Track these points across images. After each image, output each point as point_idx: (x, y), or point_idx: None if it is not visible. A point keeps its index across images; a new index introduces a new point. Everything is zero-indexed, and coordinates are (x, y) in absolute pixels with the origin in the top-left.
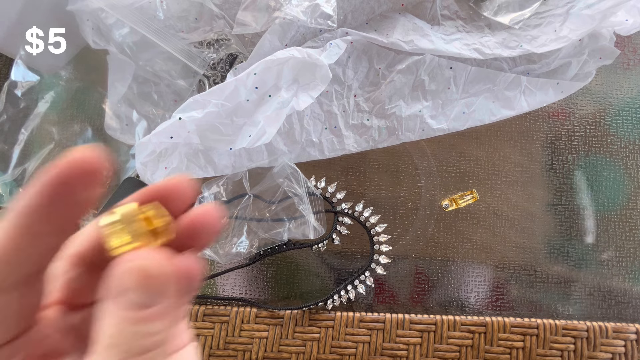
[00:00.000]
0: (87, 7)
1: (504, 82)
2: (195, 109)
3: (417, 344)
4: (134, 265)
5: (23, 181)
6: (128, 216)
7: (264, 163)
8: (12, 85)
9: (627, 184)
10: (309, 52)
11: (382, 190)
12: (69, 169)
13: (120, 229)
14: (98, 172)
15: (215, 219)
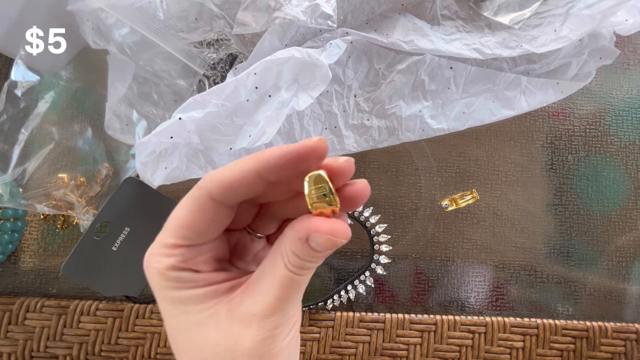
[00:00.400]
0: (87, 7)
1: (504, 82)
2: (195, 109)
3: (417, 344)
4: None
5: (23, 181)
6: (320, 183)
7: None
8: (12, 85)
9: (627, 184)
10: (309, 52)
11: (382, 190)
12: (307, 149)
13: (316, 190)
14: (323, 157)
15: (368, 193)
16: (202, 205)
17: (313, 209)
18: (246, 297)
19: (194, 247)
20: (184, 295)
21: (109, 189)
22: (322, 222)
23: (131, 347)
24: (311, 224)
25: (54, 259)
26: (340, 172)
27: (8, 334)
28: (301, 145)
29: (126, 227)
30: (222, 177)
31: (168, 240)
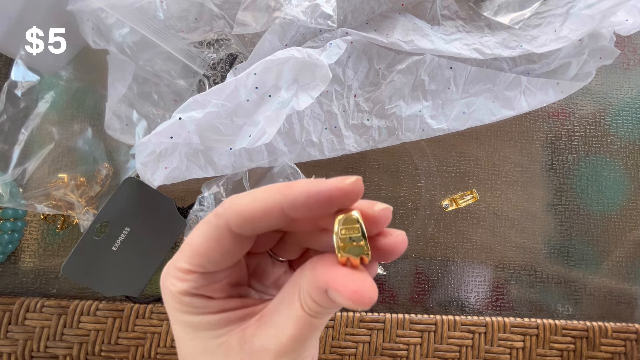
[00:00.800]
0: (87, 7)
1: (504, 82)
2: (195, 109)
3: (417, 344)
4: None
5: (23, 181)
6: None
7: (264, 163)
8: (12, 85)
9: (627, 184)
10: (309, 52)
11: (382, 190)
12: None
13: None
14: (357, 200)
15: (404, 247)
16: (219, 236)
17: (340, 253)
18: (260, 330)
19: (208, 275)
20: (195, 320)
21: (109, 189)
22: (346, 279)
23: (131, 347)
24: (333, 278)
25: (54, 259)
26: (375, 221)
27: (8, 334)
28: (333, 186)
29: (126, 227)
30: (242, 208)
31: (182, 265)
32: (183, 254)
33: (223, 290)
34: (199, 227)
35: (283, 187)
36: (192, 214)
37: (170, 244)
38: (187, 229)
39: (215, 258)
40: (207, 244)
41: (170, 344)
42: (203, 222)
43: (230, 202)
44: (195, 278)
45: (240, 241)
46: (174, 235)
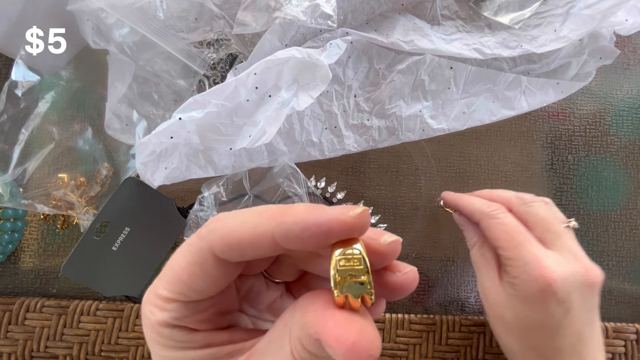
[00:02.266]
0: (87, 7)
1: (504, 82)
2: (195, 109)
3: (417, 344)
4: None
5: (23, 181)
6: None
7: (264, 163)
8: (12, 85)
9: (627, 184)
10: (309, 52)
11: (382, 190)
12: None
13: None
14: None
15: (415, 285)
16: (202, 261)
17: (336, 291)
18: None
19: (191, 304)
20: (176, 356)
21: (109, 189)
22: (341, 328)
23: (131, 347)
24: (325, 326)
25: (54, 259)
26: (381, 256)
27: (8, 334)
28: (334, 218)
29: (126, 227)
30: (227, 232)
31: (162, 292)
32: (163, 279)
33: (209, 320)
34: (181, 250)
35: (277, 213)
36: (192, 214)
37: (170, 244)
38: (187, 229)
39: (199, 285)
40: (190, 269)
41: None
42: (186, 244)
43: (215, 223)
44: (176, 307)
45: (227, 267)
46: (174, 235)
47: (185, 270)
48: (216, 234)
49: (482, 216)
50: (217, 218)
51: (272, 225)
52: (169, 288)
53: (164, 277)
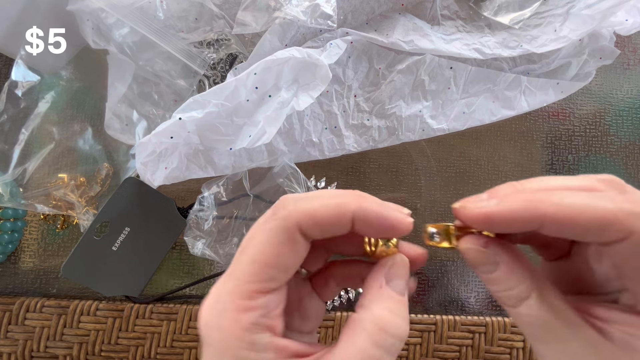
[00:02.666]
0: (87, 7)
1: (504, 82)
2: (195, 109)
3: (417, 344)
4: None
5: (23, 181)
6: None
7: (264, 163)
8: (12, 85)
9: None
10: (309, 52)
11: (382, 190)
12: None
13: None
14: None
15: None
16: (290, 238)
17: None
18: None
19: (274, 294)
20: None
21: (109, 189)
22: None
23: (131, 347)
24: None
25: (54, 259)
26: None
27: (8, 334)
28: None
29: (126, 227)
30: (314, 210)
31: (249, 287)
32: (245, 272)
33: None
34: (260, 238)
35: (358, 197)
36: (192, 214)
37: (170, 244)
38: (187, 229)
39: (288, 265)
40: (278, 251)
41: (170, 344)
42: (263, 230)
43: (296, 204)
44: (264, 302)
45: (305, 245)
46: (174, 235)
47: (274, 254)
48: (302, 212)
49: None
50: (293, 198)
51: (353, 207)
52: (256, 279)
53: (246, 270)
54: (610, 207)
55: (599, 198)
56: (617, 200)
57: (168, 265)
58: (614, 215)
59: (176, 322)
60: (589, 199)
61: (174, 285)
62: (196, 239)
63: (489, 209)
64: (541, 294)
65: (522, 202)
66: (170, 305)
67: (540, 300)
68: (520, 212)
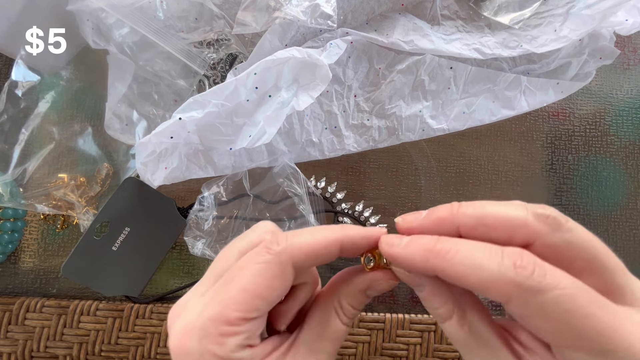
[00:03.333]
0: (87, 7)
1: (504, 82)
2: (195, 109)
3: (417, 344)
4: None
5: (23, 181)
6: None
7: (264, 163)
8: (12, 85)
9: (627, 184)
10: (309, 52)
11: (382, 190)
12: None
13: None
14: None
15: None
16: (282, 273)
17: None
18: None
19: (259, 319)
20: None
21: (109, 189)
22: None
23: (131, 347)
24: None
25: (54, 259)
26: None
27: (8, 334)
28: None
29: (126, 227)
30: (305, 243)
31: (235, 315)
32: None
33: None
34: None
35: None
36: (192, 214)
37: (170, 244)
38: (187, 229)
39: (275, 296)
40: (270, 284)
41: None
42: (255, 263)
43: (288, 240)
44: (248, 327)
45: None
46: (174, 235)
47: (265, 286)
48: (295, 246)
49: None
50: (284, 235)
51: (340, 236)
52: (244, 309)
53: (236, 299)
54: (494, 272)
55: (488, 260)
56: (504, 265)
57: (168, 265)
58: (495, 280)
59: None
60: (477, 260)
61: (174, 285)
62: (196, 239)
63: (396, 250)
64: (463, 315)
65: (421, 253)
66: (170, 305)
67: (460, 322)
68: (417, 261)
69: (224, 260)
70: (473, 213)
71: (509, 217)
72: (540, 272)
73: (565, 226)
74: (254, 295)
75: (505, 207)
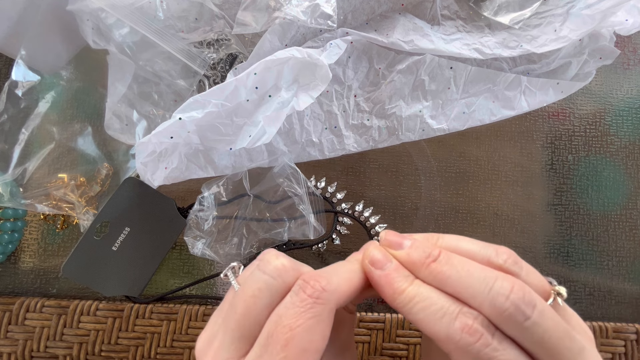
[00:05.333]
0: (87, 7)
1: (504, 82)
2: (195, 109)
3: (417, 344)
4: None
5: (23, 181)
6: None
7: (264, 163)
8: (12, 85)
9: (627, 184)
10: (309, 52)
11: (382, 190)
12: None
13: None
14: None
15: None
16: (330, 318)
17: None
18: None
19: None
20: None
21: (109, 189)
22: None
23: (131, 347)
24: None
25: (54, 259)
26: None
27: (8, 334)
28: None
29: (126, 227)
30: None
31: None
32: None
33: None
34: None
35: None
36: (192, 214)
37: (170, 244)
38: (187, 229)
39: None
40: (325, 334)
41: (170, 344)
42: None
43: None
44: None
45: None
46: (174, 235)
47: (322, 339)
48: (338, 291)
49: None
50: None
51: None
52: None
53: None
54: (442, 331)
55: (441, 317)
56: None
57: (168, 265)
58: (442, 337)
59: (176, 322)
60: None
61: (174, 285)
62: (196, 239)
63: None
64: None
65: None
66: (170, 305)
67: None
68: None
69: (253, 317)
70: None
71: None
72: (484, 342)
73: (521, 325)
74: (315, 352)
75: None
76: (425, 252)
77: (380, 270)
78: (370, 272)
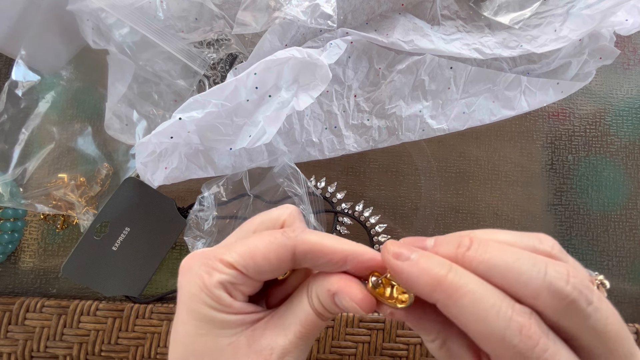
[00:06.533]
0: (87, 7)
1: (504, 82)
2: (195, 109)
3: (417, 344)
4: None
5: (23, 181)
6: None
7: (264, 163)
8: (12, 85)
9: (627, 184)
10: (309, 52)
11: (382, 190)
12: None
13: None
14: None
15: None
16: (280, 253)
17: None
18: (268, 330)
19: (245, 277)
20: (215, 316)
21: (109, 189)
22: (357, 290)
23: (131, 347)
24: (346, 287)
25: (54, 259)
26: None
27: (8, 334)
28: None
29: (126, 227)
30: (310, 242)
31: (227, 258)
32: (234, 249)
33: (245, 295)
34: (262, 238)
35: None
36: (192, 214)
37: (170, 244)
38: (187, 229)
39: (264, 269)
40: (266, 254)
41: None
42: (268, 235)
43: (302, 234)
44: (235, 275)
45: (289, 265)
46: (174, 235)
47: (262, 253)
48: (302, 240)
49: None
50: (302, 228)
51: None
52: (238, 258)
53: (235, 248)
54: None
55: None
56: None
57: (168, 265)
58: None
59: None
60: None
61: (174, 285)
62: (196, 239)
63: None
64: (443, 342)
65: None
66: (170, 305)
67: (440, 345)
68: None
69: (247, 227)
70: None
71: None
72: (542, 347)
73: (584, 312)
74: (251, 255)
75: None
76: (454, 243)
77: (410, 254)
78: (397, 266)
